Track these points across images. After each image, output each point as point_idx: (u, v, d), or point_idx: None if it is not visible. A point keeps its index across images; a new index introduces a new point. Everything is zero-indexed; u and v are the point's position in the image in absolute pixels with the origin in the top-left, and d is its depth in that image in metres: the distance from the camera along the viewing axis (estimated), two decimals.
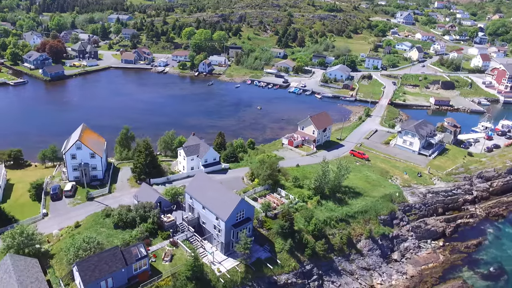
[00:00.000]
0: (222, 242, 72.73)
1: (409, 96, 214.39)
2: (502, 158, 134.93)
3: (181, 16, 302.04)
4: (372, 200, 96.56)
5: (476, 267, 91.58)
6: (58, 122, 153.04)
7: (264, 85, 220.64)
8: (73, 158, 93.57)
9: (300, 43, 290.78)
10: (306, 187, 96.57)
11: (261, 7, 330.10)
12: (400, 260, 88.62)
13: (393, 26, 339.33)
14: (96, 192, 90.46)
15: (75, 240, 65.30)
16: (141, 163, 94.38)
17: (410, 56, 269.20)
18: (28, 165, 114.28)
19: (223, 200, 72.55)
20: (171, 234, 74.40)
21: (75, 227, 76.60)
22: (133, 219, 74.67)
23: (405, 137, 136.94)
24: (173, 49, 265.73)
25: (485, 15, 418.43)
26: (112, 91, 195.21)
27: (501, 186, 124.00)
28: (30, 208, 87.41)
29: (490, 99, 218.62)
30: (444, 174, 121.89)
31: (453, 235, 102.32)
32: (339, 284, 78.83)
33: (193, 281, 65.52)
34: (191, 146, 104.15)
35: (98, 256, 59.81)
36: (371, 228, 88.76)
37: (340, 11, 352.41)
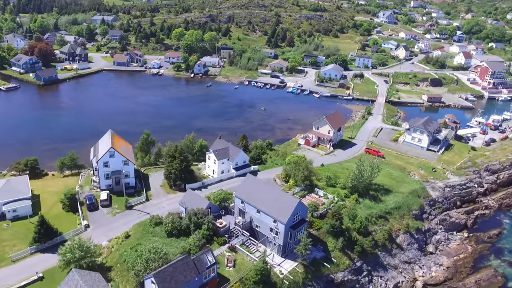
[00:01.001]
0: (279, 245, 73.65)
1: (402, 93, 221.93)
2: (504, 152, 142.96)
3: (168, 17, 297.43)
4: (402, 196, 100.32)
5: (502, 256, 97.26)
6: (63, 128, 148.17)
7: (262, 85, 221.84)
8: (106, 166, 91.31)
9: (290, 43, 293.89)
10: (338, 186, 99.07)
11: (248, 7, 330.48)
12: (435, 252, 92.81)
13: (376, 25, 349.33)
14: (134, 200, 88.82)
15: (140, 252, 63.90)
16: (176, 168, 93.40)
17: (398, 54, 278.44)
18: (45, 174, 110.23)
19: (280, 203, 73.38)
20: (227, 240, 74.50)
21: (125, 238, 75.13)
22: (187, 227, 74.12)
23: (414, 134, 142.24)
24: (163, 50, 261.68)
25: (458, 14, 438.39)
26: (111, 95, 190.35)
27: (507, 178, 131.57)
28: (66, 219, 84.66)
29: (475, 95, 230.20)
30: (455, 169, 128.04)
31: (474, 226, 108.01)
32: (386, 278, 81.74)
33: (260, 285, 66.15)
34: (221, 150, 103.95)
35: (172, 266, 59.19)
36: (408, 223, 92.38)
37: (324, 11, 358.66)
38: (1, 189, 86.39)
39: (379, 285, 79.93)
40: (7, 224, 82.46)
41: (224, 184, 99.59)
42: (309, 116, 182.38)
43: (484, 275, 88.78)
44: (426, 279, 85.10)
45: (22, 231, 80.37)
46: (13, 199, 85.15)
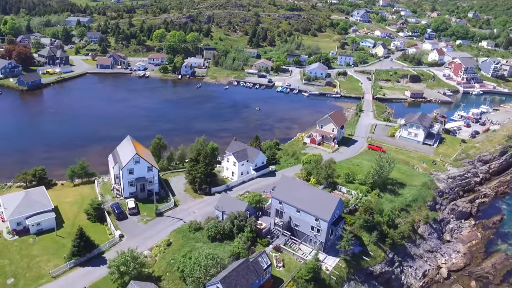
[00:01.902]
0: (321, 242, 75.67)
1: (386, 90, 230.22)
2: (491, 143, 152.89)
3: (147, 18, 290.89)
4: (416, 188, 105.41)
5: (507, 239, 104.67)
6: (60, 135, 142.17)
7: (251, 85, 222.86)
8: (130, 173, 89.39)
9: (271, 43, 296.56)
10: (357, 182, 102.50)
11: (226, 7, 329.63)
12: (451, 240, 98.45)
13: (352, 24, 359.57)
14: (163, 207, 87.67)
15: (196, 259, 63.27)
16: (201, 172, 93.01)
17: (376, 52, 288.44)
18: (53, 184, 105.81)
19: (320, 201, 75.38)
20: (270, 241, 75.55)
21: (167, 245, 74.26)
22: (230, 230, 74.40)
23: (410, 129, 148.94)
24: (145, 52, 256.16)
25: (424, 13, 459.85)
26: (101, 99, 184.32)
27: (498, 167, 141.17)
28: (94, 230, 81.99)
29: (452, 90, 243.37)
30: (452, 161, 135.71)
31: (478, 214, 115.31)
32: (415, 267, 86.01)
33: (311, 282, 67.89)
34: (240, 152, 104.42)
35: (235, 271, 59.55)
36: (427, 214, 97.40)
37: (300, 10, 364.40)
38: (21, 203, 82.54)
39: (409, 275, 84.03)
40: (33, 238, 79.02)
41: (247, 186, 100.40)
42: (303, 115, 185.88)
43: (497, 259, 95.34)
44: (448, 266, 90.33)
45: (50, 245, 77.37)
46: (35, 212, 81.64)
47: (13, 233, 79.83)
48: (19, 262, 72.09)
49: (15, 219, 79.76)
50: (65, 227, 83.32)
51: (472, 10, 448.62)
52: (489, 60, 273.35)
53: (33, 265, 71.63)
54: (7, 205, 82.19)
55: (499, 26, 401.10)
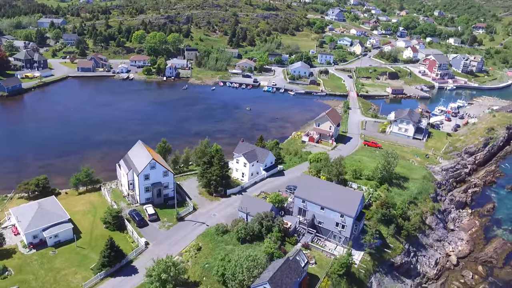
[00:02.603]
0: (346, 237, 78.13)
1: (367, 87, 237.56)
2: (474, 135, 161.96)
3: (124, 19, 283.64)
4: (419, 181, 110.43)
5: (502, 225, 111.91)
6: (52, 142, 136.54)
7: (237, 85, 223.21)
8: (146, 179, 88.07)
9: (251, 42, 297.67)
10: (364, 178, 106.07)
11: (203, 7, 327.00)
12: (455, 229, 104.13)
13: (328, 23, 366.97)
14: (183, 212, 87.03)
15: (237, 261, 63.59)
16: (217, 175, 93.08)
17: (354, 50, 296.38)
18: (57, 193, 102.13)
19: (344, 198, 77.81)
20: (297, 239, 77.11)
21: (197, 250, 74.08)
22: (259, 231, 75.27)
23: (400, 125, 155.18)
24: (125, 53, 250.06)
25: (393, 11, 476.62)
26: (88, 103, 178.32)
27: (483, 158, 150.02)
28: (115, 239, 79.43)
29: (428, 86, 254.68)
30: (442, 154, 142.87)
31: (472, 203, 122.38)
32: (428, 256, 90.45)
33: (344, 277, 70.17)
34: (249, 153, 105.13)
35: (280, 270, 60.39)
36: (433, 206, 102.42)
37: (277, 10, 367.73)
38: (36, 214, 79.44)
39: (424, 264, 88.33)
40: (53, 251, 76.32)
41: (259, 186, 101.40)
42: (294, 113, 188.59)
43: (497, 244, 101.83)
44: (456, 253, 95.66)
45: (73, 257, 75.05)
46: (51, 224, 78.86)
47: (29, 246, 76.73)
48: (45, 276, 69.57)
49: (31, 232, 76.69)
50: (83, 237, 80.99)
51: (437, 9, 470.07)
52: (459, 57, 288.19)
53: (60, 278, 69.37)
54: (21, 218, 78.90)
55: (463, 24, 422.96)
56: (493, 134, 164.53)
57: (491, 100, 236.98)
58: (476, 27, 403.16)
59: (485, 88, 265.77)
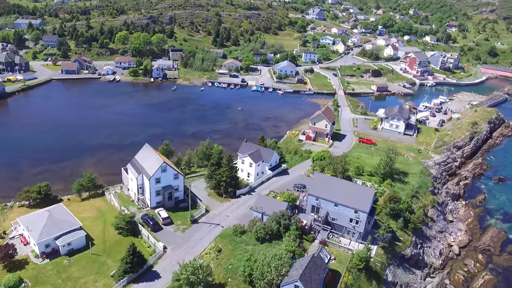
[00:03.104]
0: (360, 232, 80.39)
1: (353, 85, 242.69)
2: (460, 130, 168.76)
3: (106, 20, 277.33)
4: (417, 176, 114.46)
5: (494, 215, 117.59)
6: (46, 147, 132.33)
7: (226, 86, 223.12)
8: (158, 182, 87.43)
9: (235, 42, 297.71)
10: (366, 174, 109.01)
11: (185, 8, 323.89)
12: (453, 220, 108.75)
13: (309, 22, 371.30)
14: (196, 214, 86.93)
15: (264, 260, 64.33)
16: (227, 176, 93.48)
17: (337, 49, 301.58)
18: (59, 200, 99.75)
19: (357, 194, 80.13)
20: (314, 236, 78.72)
21: (218, 252, 74.40)
22: (278, 230, 76.35)
23: (392, 121, 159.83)
24: (109, 55, 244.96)
25: (369, 10, 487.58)
26: (76, 106, 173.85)
27: (470, 151, 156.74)
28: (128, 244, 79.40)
29: (410, 83, 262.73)
30: (432, 148, 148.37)
31: (465, 195, 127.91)
32: (433, 248, 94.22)
33: (363, 271, 72.40)
34: (255, 153, 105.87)
35: (308, 268, 61.88)
36: (434, 199, 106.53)
37: (258, 9, 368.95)
38: (47, 223, 77.48)
39: (430, 255, 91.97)
40: (67, 260, 74.74)
41: (267, 186, 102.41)
42: (285, 112, 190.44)
43: (492, 233, 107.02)
44: (457, 243, 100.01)
45: (89, 265, 73.78)
46: (64, 232, 77.12)
47: (42, 256, 74.80)
48: (64, 286, 68.15)
49: (44, 241, 74.77)
50: (97, 244, 79.56)
51: (411, 8, 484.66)
52: (437, 54, 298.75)
53: (80, 287, 68.11)
54: (32, 227, 76.72)
55: (436, 22, 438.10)
56: (477, 129, 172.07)
57: (469, 95, 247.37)
58: (449, 25, 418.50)
59: (462, 84, 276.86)
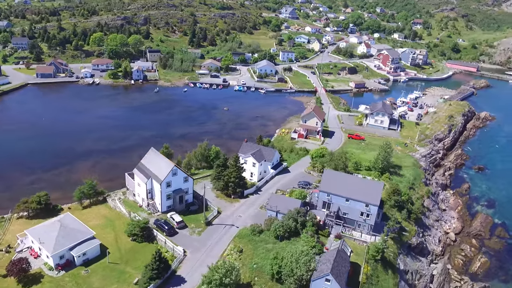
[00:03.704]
0: (370, 225, 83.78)
1: (331, 82, 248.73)
2: (439, 123, 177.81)
3: (78, 21, 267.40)
4: (411, 168, 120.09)
5: (479, 202, 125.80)
6: (33, 154, 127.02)
7: (208, 86, 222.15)
8: (168, 186, 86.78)
9: (211, 42, 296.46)
10: (363, 169, 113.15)
11: (158, 8, 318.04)
12: (446, 209, 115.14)
13: (283, 21, 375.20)
14: (209, 216, 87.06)
15: (293, 257, 65.85)
16: (235, 177, 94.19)
17: (313, 47, 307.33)
18: (59, 209, 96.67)
19: (366, 188, 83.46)
20: (329, 231, 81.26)
21: (239, 252, 75.18)
22: (295, 227, 78.18)
23: (376, 117, 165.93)
24: (84, 57, 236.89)
25: (338, 8, 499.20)
26: (58, 111, 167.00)
27: (450, 143, 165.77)
28: (145, 251, 78.46)
29: (384, 79, 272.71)
30: (417, 141, 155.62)
31: (451, 185, 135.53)
32: (432, 235, 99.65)
33: (379, 261, 75.77)
34: (256, 152, 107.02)
35: (336, 261, 64.11)
36: (429, 189, 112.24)
37: (231, 9, 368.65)
38: (60, 233, 75.10)
39: (431, 243, 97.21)
40: (85, 270, 72.93)
41: (272, 185, 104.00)
42: (271, 111, 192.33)
43: (480, 219, 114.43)
44: (452, 230, 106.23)
45: (109, 274, 72.45)
46: (78, 242, 75.12)
47: (57, 268, 72.54)
48: None
49: (59, 252, 72.51)
50: (112, 252, 77.87)
51: (378, 6, 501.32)
52: (408, 51, 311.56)
53: None
54: (44, 239, 74.03)
55: (402, 20, 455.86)
56: (453, 121, 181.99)
57: (440, 90, 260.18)
58: (414, 23, 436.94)
59: (432, 79, 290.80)
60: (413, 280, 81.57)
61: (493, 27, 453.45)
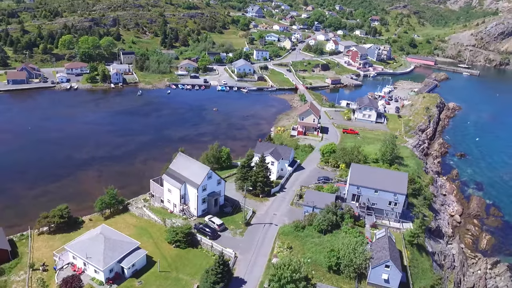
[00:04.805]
0: (398, 212, 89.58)
1: (308, 79, 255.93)
2: (419, 115, 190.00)
3: (43, 23, 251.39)
4: (411, 159, 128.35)
5: (469, 186, 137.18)
6: (30, 166, 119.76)
7: (190, 87, 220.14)
8: (204, 190, 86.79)
9: (184, 42, 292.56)
10: (370, 161, 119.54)
11: (124, 8, 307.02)
12: (445, 193, 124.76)
13: (250, 20, 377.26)
14: (247, 216, 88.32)
15: (350, 249, 69.35)
16: (264, 176, 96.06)
17: (284, 45, 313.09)
18: (81, 221, 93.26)
19: (393, 179, 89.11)
20: (364, 221, 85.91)
21: (289, 249, 77.43)
22: (336, 221, 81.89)
23: (364, 111, 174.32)
24: (54, 61, 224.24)
25: (298, 6, 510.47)
26: (43, 119, 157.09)
27: (431, 133, 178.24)
28: (191, 256, 78.31)
29: (355, 75, 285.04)
30: (404, 133, 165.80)
31: (442, 171, 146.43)
32: (441, 219, 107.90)
33: (414, 245, 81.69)
34: (274, 151, 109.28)
35: (390, 250, 68.51)
36: (431, 177, 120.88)
37: (197, 8, 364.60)
38: (106, 246, 72.87)
39: (443, 226, 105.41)
40: (139, 281, 71.53)
41: (293, 182, 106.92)
42: (259, 110, 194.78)
43: (475, 201, 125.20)
44: (456, 213, 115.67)
45: (164, 283, 71.41)
46: (126, 253, 73.38)
47: (108, 282, 70.49)
48: None
49: (109, 266, 70.51)
50: (160, 260, 76.76)
51: (337, 4, 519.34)
52: (373, 47, 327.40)
53: None
54: (90, 253, 71.48)
55: (360, 17, 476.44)
56: (430, 113, 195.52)
57: (407, 83, 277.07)
58: (372, 20, 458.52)
59: (398, 73, 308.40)
60: (440, 261, 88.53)
61: (441, 23, 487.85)
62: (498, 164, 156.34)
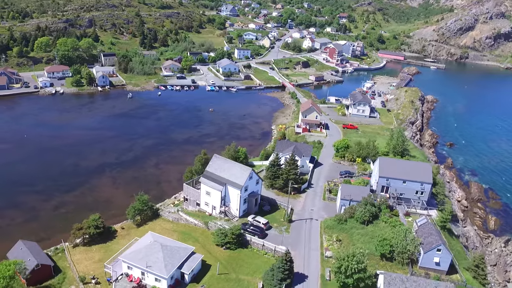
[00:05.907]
0: (424, 201, 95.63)
1: (292, 77, 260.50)
2: (407, 108, 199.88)
3: (13, 24, 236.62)
4: (415, 149, 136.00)
5: (464, 173, 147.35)
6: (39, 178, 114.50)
7: (180, 88, 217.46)
8: (245, 191, 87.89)
9: (163, 43, 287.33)
10: (381, 154, 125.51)
11: (98, 9, 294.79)
12: (449, 181, 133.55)
13: (225, 18, 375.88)
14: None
15: (401, 237, 73.52)
16: (294, 173, 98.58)
17: (263, 44, 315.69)
18: (113, 230, 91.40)
19: (419, 169, 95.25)
20: (398, 210, 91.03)
21: (338, 241, 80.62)
22: (375, 211, 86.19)
23: (358, 107, 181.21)
24: (32, 65, 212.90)
25: (267, 4, 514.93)
26: (36, 126, 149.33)
27: (420, 125, 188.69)
28: (243, 256, 79.50)
29: (335, 71, 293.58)
30: (397, 126, 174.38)
31: (439, 160, 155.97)
32: (453, 204, 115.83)
33: (445, 229, 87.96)
34: (295, 149, 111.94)
35: (434, 234, 73.79)
36: (437, 166, 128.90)
37: (170, 8, 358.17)
38: (165, 253, 72.30)
39: (456, 211, 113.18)
40: (202, 286, 71.78)
41: (317, 177, 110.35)
42: (254, 109, 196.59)
43: (474, 186, 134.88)
44: (462, 198, 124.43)
45: (228, 285, 72.32)
46: (185, 259, 73.20)
47: None
48: None
49: (172, 274, 70.11)
50: (213, 263, 77.11)
51: (305, 1, 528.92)
52: (348, 44, 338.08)
53: None
54: (150, 261, 70.54)
55: (328, 14, 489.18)
56: (415, 106, 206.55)
57: (384, 78, 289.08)
58: (340, 17, 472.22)
59: (373, 68, 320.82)
60: (463, 242, 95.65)
61: (403, 19, 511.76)
62: (484, 151, 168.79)
